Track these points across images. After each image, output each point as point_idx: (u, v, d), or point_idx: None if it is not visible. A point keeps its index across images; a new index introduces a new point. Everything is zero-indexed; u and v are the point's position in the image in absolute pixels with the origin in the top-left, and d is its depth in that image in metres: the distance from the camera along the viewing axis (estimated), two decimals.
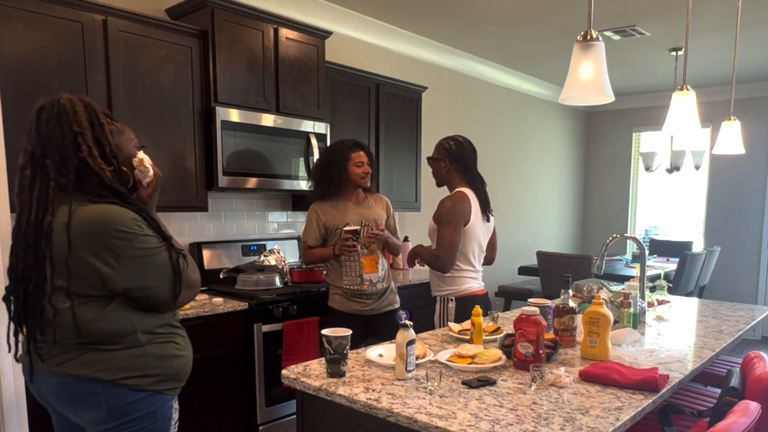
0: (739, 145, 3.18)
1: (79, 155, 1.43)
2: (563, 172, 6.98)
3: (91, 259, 1.41)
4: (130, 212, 1.46)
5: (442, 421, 1.35)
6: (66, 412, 1.55)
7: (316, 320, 3.02)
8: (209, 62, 2.90)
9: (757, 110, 6.07)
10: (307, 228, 2.84)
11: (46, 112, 1.46)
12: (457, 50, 4.99)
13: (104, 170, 1.46)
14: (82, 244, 1.41)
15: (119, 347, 1.47)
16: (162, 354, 1.53)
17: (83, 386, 1.46)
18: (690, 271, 4.90)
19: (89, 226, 1.41)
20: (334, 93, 3.62)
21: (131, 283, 1.45)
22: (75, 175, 1.44)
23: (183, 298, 1.55)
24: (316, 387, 1.61)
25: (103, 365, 1.45)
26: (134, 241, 1.43)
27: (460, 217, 2.53)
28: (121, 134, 1.58)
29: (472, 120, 5.41)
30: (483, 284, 2.74)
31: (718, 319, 2.60)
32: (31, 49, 2.34)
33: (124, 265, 1.43)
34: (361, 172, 2.79)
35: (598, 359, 1.86)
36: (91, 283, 1.43)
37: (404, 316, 1.68)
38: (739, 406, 1.47)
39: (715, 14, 3.93)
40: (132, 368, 1.48)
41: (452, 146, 2.65)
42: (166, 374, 1.54)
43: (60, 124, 1.44)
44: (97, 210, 1.42)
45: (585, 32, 1.70)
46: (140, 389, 1.49)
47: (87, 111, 1.48)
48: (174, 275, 1.49)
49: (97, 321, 1.45)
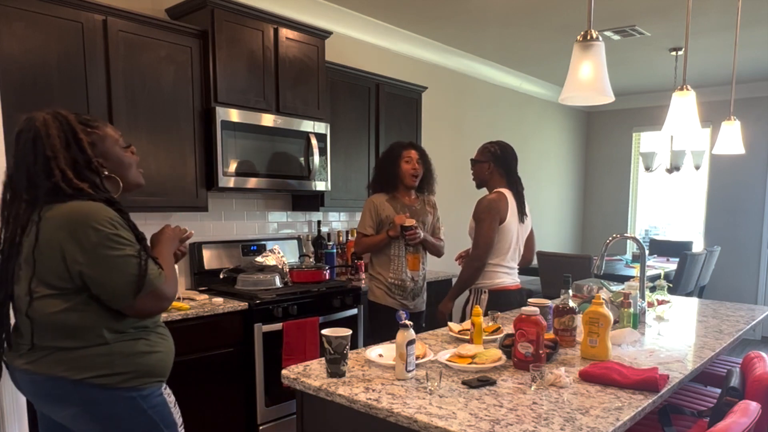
0: (739, 145, 3.18)
1: (53, 180, 1.43)
2: (563, 172, 6.98)
3: (57, 248, 1.41)
4: (110, 211, 1.46)
5: (442, 421, 1.35)
6: (44, 409, 1.55)
7: (316, 320, 3.03)
8: (209, 62, 2.90)
9: (757, 110, 6.07)
10: (363, 218, 3.03)
11: (23, 135, 1.47)
12: (457, 50, 4.99)
13: (82, 187, 1.46)
14: (52, 233, 1.42)
15: (83, 345, 1.45)
16: (130, 352, 1.50)
17: (55, 386, 1.46)
18: (690, 271, 4.90)
19: (63, 218, 1.42)
20: (334, 93, 3.62)
21: (90, 275, 1.42)
22: (45, 196, 1.45)
23: (147, 307, 1.49)
24: (316, 387, 1.61)
25: (70, 364, 1.44)
26: (103, 239, 1.42)
27: (495, 215, 2.67)
28: (104, 140, 1.57)
29: (472, 120, 5.41)
30: (517, 280, 2.87)
31: (718, 319, 2.60)
32: (31, 49, 2.34)
33: (87, 258, 1.41)
34: (409, 168, 2.98)
35: (598, 359, 1.86)
36: (56, 274, 1.43)
37: (404, 316, 1.68)
38: (739, 406, 1.47)
39: (715, 14, 3.93)
40: (99, 367, 1.46)
41: (497, 150, 2.81)
42: (137, 371, 1.51)
43: (34, 150, 1.45)
44: (75, 205, 1.43)
45: (585, 32, 1.69)
46: (111, 387, 1.47)
47: (62, 130, 1.47)
48: (137, 280, 1.44)
49: (59, 314, 1.43)
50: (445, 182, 4.71)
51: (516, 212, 2.77)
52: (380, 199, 3.02)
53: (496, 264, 2.74)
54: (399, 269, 2.99)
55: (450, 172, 4.86)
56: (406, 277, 3.00)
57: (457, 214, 4.75)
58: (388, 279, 2.99)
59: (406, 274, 3.00)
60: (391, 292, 3.00)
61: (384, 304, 3.00)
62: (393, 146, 3.09)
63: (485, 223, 2.66)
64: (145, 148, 2.71)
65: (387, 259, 3.00)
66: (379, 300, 3.02)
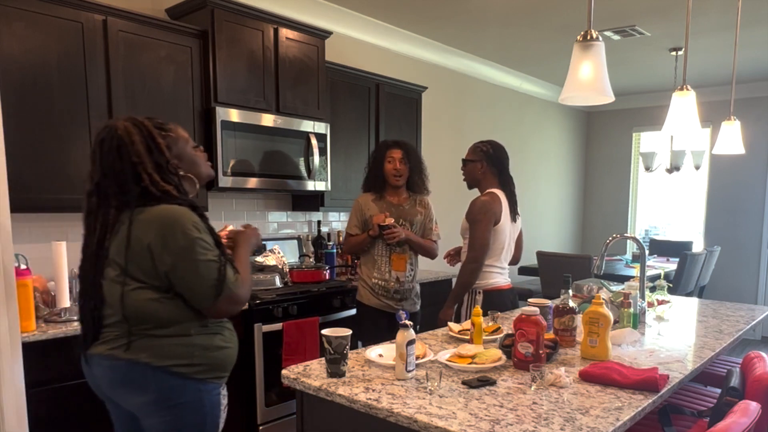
0: (739, 145, 3.18)
1: (141, 185, 1.54)
2: (563, 172, 6.98)
3: (147, 248, 1.50)
4: (194, 216, 1.56)
5: (442, 421, 1.35)
6: (116, 396, 1.62)
7: (316, 320, 3.03)
8: (209, 62, 2.90)
9: (757, 110, 6.07)
10: (349, 219, 3.04)
11: (106, 144, 1.55)
12: (457, 50, 4.99)
13: (168, 189, 1.56)
14: (143, 234, 1.51)
15: (169, 333, 1.55)
16: (208, 345, 1.61)
17: (134, 370, 1.54)
18: (690, 271, 4.90)
19: (154, 220, 1.51)
20: (334, 93, 3.62)
21: (174, 276, 1.52)
22: (135, 200, 1.54)
23: (223, 310, 1.59)
24: (316, 387, 1.61)
25: (153, 351, 1.54)
26: (189, 243, 1.51)
27: (491, 216, 2.66)
28: (177, 142, 1.66)
29: (472, 120, 5.41)
30: (509, 280, 2.87)
31: (718, 319, 2.60)
32: (31, 49, 2.34)
33: (173, 260, 1.51)
34: (391, 168, 2.95)
35: (598, 359, 1.86)
36: (145, 271, 1.52)
37: (404, 316, 1.68)
38: (739, 406, 1.47)
39: (715, 14, 3.93)
40: (180, 356, 1.56)
41: (489, 149, 2.79)
42: (211, 364, 1.61)
43: (120, 157, 1.54)
44: (164, 208, 1.53)
45: (585, 32, 1.69)
46: (187, 377, 1.57)
47: (143, 136, 1.56)
48: (216, 285, 1.54)
49: (150, 305, 1.53)
50: (445, 182, 4.72)
51: (509, 212, 2.77)
52: (366, 199, 3.00)
53: (490, 264, 2.74)
54: (383, 270, 2.96)
55: (450, 172, 4.85)
56: (391, 278, 2.96)
57: (456, 214, 4.73)
58: (372, 279, 2.97)
59: (391, 274, 2.96)
60: (375, 292, 2.97)
61: (368, 304, 2.98)
62: (379, 146, 3.07)
63: (481, 224, 2.65)
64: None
65: (372, 259, 2.98)
66: (364, 300, 3.00)
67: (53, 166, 2.43)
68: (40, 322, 2.29)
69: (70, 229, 2.79)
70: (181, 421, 1.58)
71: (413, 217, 3.02)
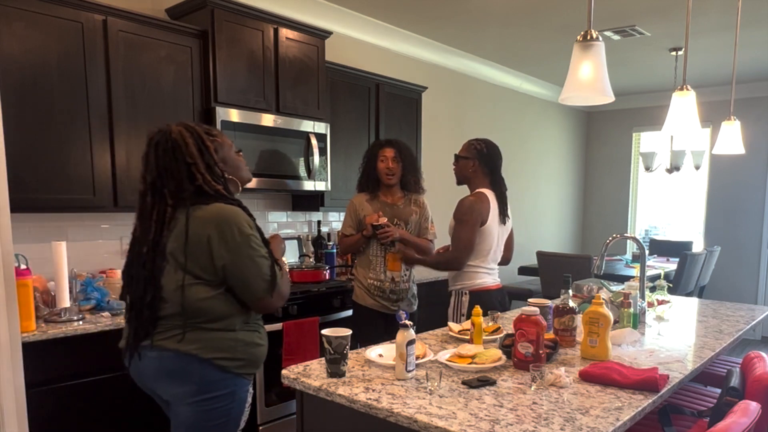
0: (739, 145, 3.18)
1: (196, 183, 1.66)
2: (563, 172, 6.98)
3: (205, 243, 1.62)
4: (245, 215, 1.69)
5: (442, 421, 1.35)
6: (158, 387, 1.72)
7: (316, 320, 3.03)
8: (209, 62, 2.90)
9: (757, 110, 6.07)
10: (344, 219, 3.04)
11: (161, 146, 1.68)
12: (457, 50, 4.99)
13: (219, 189, 1.69)
14: (201, 229, 1.62)
15: (217, 328, 1.67)
16: (249, 341, 1.74)
17: (182, 361, 1.65)
18: (690, 271, 4.90)
19: (211, 217, 1.63)
20: (334, 93, 3.62)
21: (231, 270, 1.64)
22: (190, 198, 1.66)
23: (272, 303, 1.74)
24: (316, 387, 1.61)
25: (203, 343, 1.66)
26: (246, 239, 1.65)
27: (477, 217, 2.62)
28: (223, 146, 1.79)
29: (472, 120, 5.41)
30: (498, 280, 2.83)
31: (718, 319, 2.60)
32: (31, 49, 2.34)
33: (231, 255, 1.63)
34: (384, 167, 2.95)
35: (598, 359, 1.86)
36: (202, 266, 1.63)
37: (404, 316, 1.68)
38: (739, 406, 1.47)
39: (715, 14, 3.93)
40: (225, 350, 1.68)
41: (483, 147, 2.75)
42: (249, 359, 1.74)
43: (175, 157, 1.67)
44: (220, 206, 1.66)
45: (585, 32, 1.69)
46: (226, 370, 1.69)
47: (195, 140, 1.70)
48: (270, 279, 1.69)
49: (205, 301, 1.65)
50: (445, 182, 4.71)
51: (497, 214, 2.72)
52: (360, 199, 3.00)
53: (476, 265, 2.70)
54: (378, 270, 2.96)
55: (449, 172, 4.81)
56: (386, 278, 2.95)
57: None
58: (368, 280, 2.96)
59: (386, 274, 2.95)
60: (370, 293, 2.96)
61: (364, 305, 2.97)
62: (371, 145, 3.07)
63: (467, 225, 2.61)
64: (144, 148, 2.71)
65: (367, 259, 2.97)
66: (360, 301, 2.99)
67: (53, 166, 2.43)
68: (40, 322, 2.29)
69: (70, 229, 2.79)
70: (210, 413, 1.68)
71: (408, 216, 3.01)
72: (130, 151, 2.66)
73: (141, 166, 1.72)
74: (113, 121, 2.60)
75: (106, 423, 2.38)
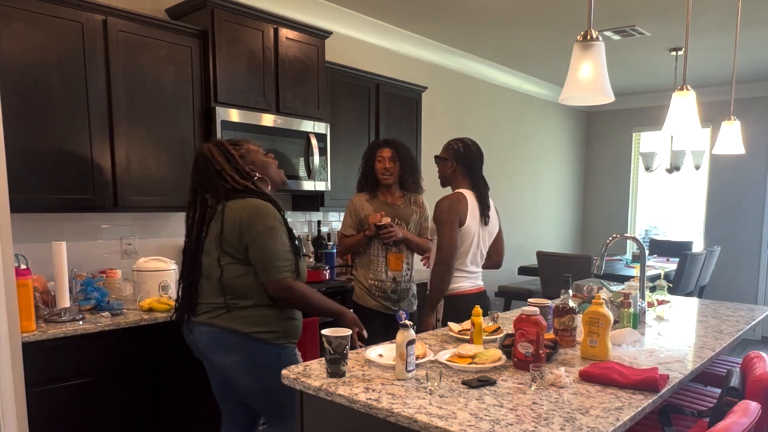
0: (739, 145, 3.18)
1: (225, 185, 2.03)
2: (563, 172, 6.98)
3: (237, 225, 1.96)
4: (275, 209, 2.04)
5: (442, 421, 1.35)
6: (211, 355, 2.08)
7: (316, 320, 3.02)
8: (209, 62, 2.90)
9: (757, 110, 6.07)
10: (344, 219, 3.06)
11: (199, 162, 2.09)
12: (457, 50, 4.99)
13: (247, 185, 2.06)
14: (235, 214, 1.97)
15: (252, 303, 2.02)
16: (281, 316, 2.08)
17: (228, 335, 2.01)
18: (690, 271, 4.90)
19: (245, 205, 1.99)
20: (334, 93, 3.62)
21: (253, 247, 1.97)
22: (225, 195, 2.02)
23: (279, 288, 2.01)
24: (316, 387, 1.61)
25: (243, 320, 2.01)
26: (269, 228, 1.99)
27: (455, 217, 2.57)
28: (249, 153, 2.15)
29: (472, 120, 5.41)
30: (479, 284, 2.75)
31: (718, 319, 2.60)
32: (31, 49, 2.34)
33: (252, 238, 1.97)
34: (381, 168, 2.96)
35: (598, 359, 1.86)
36: (235, 247, 1.98)
37: (404, 316, 1.68)
38: (739, 406, 1.47)
39: (715, 14, 3.93)
40: (261, 324, 2.02)
41: (460, 147, 2.68)
42: (284, 331, 2.08)
43: (207, 167, 2.06)
44: (253, 200, 2.03)
45: (585, 32, 1.69)
46: (267, 342, 2.03)
47: (220, 150, 2.08)
48: (288, 264, 2.02)
49: (240, 278, 2.00)
50: None
51: (477, 214, 2.64)
52: (360, 199, 3.00)
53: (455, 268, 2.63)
54: (379, 270, 2.95)
55: None
56: (387, 278, 2.95)
57: None
58: (368, 280, 2.96)
59: (387, 274, 2.95)
60: (371, 293, 2.95)
61: (365, 305, 2.96)
62: (369, 146, 3.09)
63: (446, 225, 2.55)
64: (144, 148, 2.72)
65: (368, 259, 2.97)
66: (360, 300, 2.99)
67: (53, 166, 2.43)
68: (40, 322, 2.29)
69: (70, 229, 2.79)
70: (266, 378, 2.01)
71: (409, 216, 3.01)
72: (130, 151, 2.66)
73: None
74: (113, 121, 2.60)
75: (106, 423, 2.38)
